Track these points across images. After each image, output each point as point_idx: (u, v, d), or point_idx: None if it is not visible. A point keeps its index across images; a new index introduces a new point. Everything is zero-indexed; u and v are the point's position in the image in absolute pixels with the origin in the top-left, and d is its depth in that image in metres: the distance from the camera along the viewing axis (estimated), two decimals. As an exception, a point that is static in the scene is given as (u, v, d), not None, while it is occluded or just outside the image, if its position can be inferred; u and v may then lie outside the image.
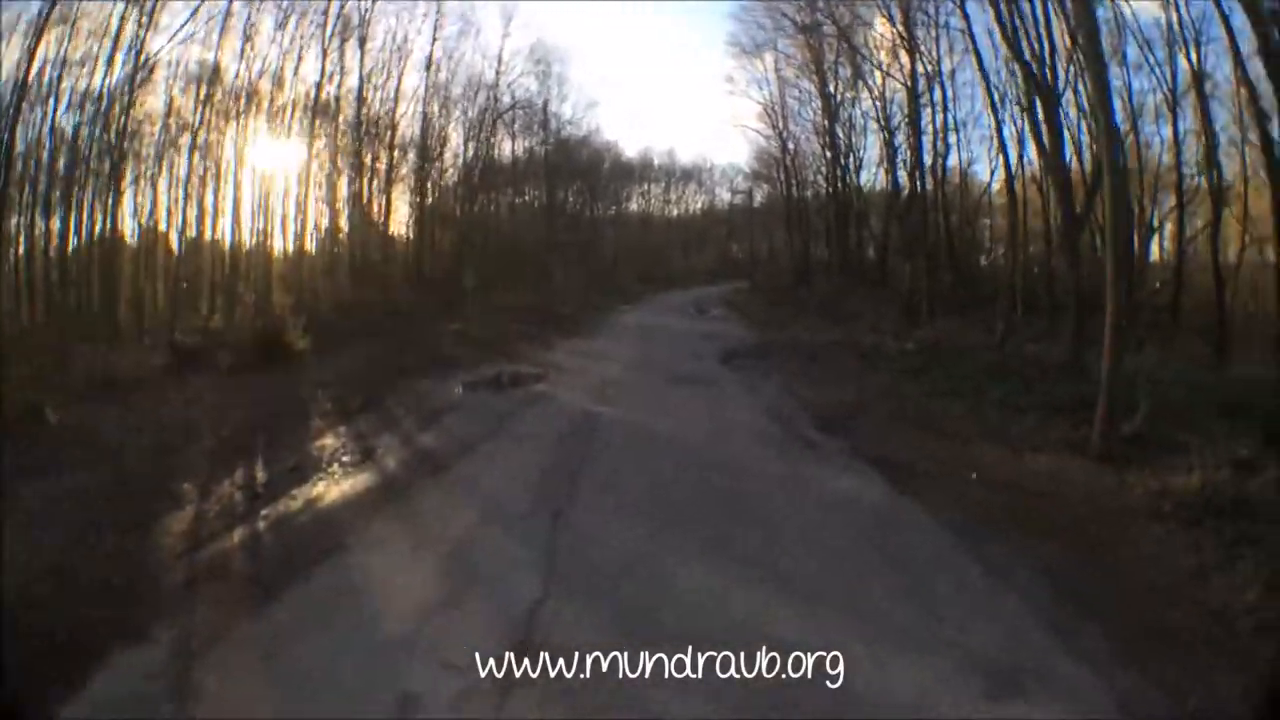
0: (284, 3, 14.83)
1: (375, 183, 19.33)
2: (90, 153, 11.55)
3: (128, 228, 13.15)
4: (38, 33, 10.00)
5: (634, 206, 33.18)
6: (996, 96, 15.26)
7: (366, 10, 16.80)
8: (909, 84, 17.36)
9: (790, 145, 23.91)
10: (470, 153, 21.10)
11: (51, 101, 10.95)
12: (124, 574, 4.40)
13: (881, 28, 17.94)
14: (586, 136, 26.05)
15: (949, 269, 16.86)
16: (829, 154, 21.97)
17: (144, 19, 11.63)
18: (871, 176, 20.97)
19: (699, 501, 5.65)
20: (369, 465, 6.89)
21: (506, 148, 22.78)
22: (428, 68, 18.93)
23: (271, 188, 16.32)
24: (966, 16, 14.95)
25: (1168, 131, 12.80)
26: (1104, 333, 6.99)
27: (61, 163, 11.34)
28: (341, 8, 16.05)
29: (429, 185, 20.88)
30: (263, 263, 16.81)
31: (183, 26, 12.49)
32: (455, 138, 21.03)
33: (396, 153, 19.09)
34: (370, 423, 8.43)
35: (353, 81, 17.03)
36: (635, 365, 12.46)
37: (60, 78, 10.87)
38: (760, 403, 9.30)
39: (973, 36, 14.88)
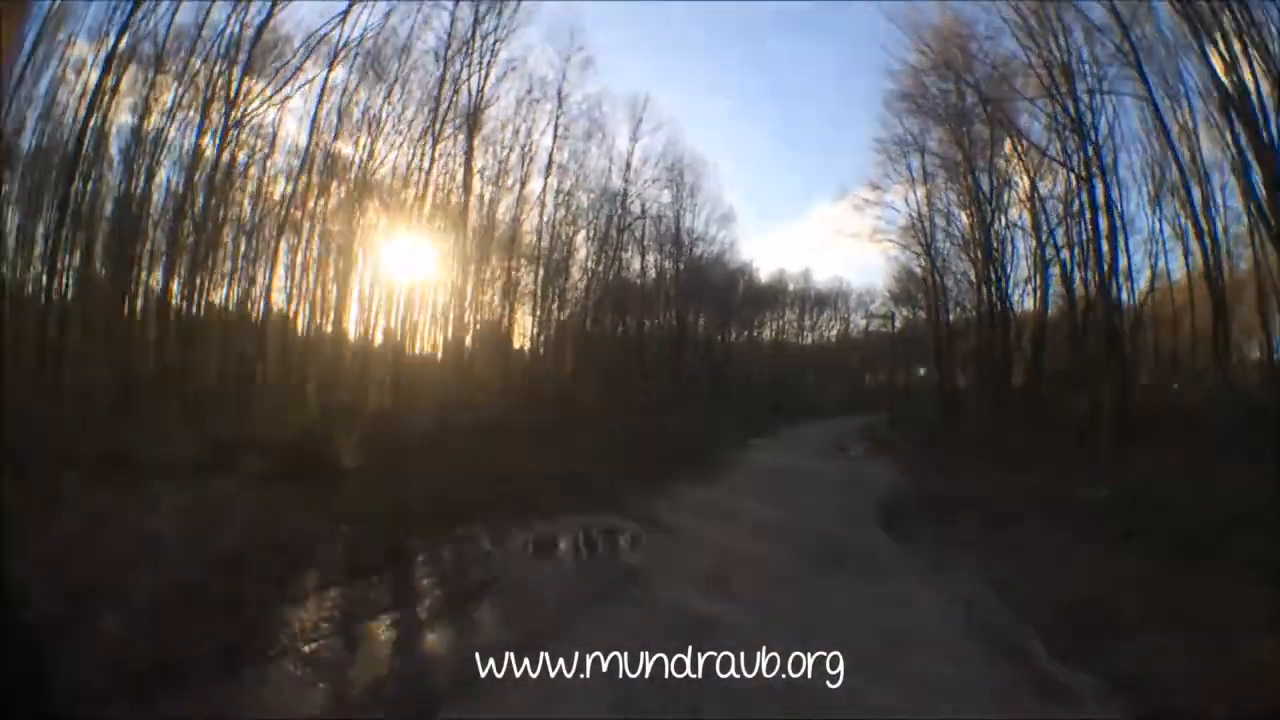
0: (389, 82, 14.41)
1: (498, 293, 18.32)
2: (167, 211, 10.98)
3: (239, 303, 12.48)
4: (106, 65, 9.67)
5: (767, 333, 31.07)
6: (1152, 185, 14.06)
7: (476, 97, 16.06)
8: (1080, 171, 15.16)
9: (938, 262, 21.05)
10: (598, 266, 19.89)
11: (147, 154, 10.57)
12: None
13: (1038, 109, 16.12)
14: (720, 255, 24.54)
15: (1120, 396, 14.59)
16: (977, 269, 19.52)
17: (235, 77, 11.33)
18: (1020, 293, 18.71)
19: None
20: (326, 674, 4.33)
21: (635, 264, 21.48)
22: (547, 171, 18.24)
23: (389, 287, 15.63)
24: (1146, 82, 13.58)
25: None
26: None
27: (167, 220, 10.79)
28: (454, 94, 15.35)
29: (554, 298, 19.71)
30: (370, 361, 15.93)
31: (272, 92, 12.07)
32: (582, 249, 20.02)
33: (522, 262, 18.13)
34: (380, 590, 5.92)
35: (474, 182, 16.38)
36: (767, 529, 9.22)
37: (141, 127, 10.52)
38: (953, 603, 6.10)
39: (1154, 102, 13.75)
